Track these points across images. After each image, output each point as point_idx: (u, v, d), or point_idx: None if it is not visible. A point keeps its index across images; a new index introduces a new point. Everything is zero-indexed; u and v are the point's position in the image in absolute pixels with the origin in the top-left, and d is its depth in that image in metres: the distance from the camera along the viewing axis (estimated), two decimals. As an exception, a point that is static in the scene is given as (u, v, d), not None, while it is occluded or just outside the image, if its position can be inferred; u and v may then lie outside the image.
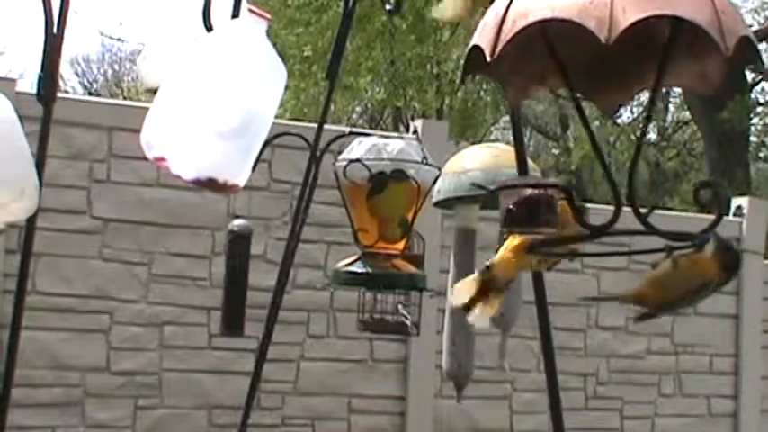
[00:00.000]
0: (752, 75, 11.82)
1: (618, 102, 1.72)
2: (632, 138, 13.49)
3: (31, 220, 1.92)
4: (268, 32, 1.87)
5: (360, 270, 2.08)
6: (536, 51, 1.54)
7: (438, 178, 2.19)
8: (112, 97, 16.20)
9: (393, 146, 2.06)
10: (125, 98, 15.59)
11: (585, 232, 1.58)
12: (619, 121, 14.38)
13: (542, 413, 4.90)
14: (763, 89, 13.73)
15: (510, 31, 1.44)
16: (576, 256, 1.80)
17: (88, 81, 19.29)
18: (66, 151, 4.28)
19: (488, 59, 1.45)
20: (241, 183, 1.80)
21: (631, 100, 1.75)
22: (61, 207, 4.23)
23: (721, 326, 5.81)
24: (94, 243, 4.36)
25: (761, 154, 14.51)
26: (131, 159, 4.23)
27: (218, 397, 4.50)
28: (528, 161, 2.34)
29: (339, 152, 2.16)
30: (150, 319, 4.44)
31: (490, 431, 5.16)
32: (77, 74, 19.12)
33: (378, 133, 2.67)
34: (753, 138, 12.93)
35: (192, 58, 1.78)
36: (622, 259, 5.38)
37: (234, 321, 2.53)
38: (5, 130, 1.73)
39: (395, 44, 10.72)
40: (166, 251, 4.48)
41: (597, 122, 13.08)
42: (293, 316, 4.51)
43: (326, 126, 2.65)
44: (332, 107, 4.37)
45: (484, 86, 11.44)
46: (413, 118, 11.35)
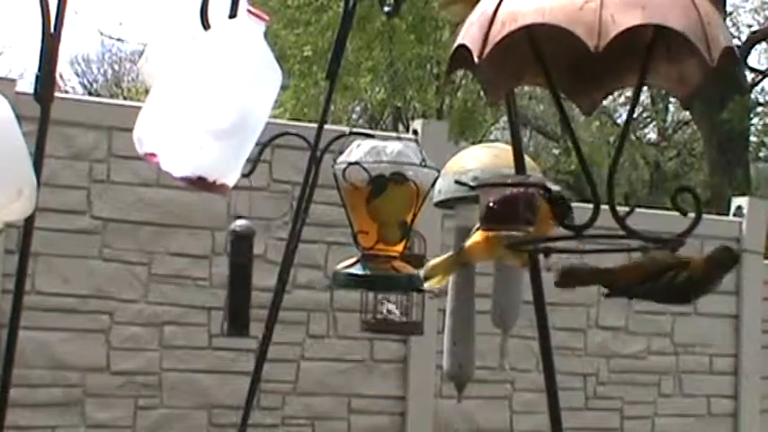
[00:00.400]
0: (752, 75, 11.82)
1: (597, 101, 1.73)
2: (632, 137, 13.49)
3: (30, 220, 1.92)
4: (266, 33, 1.87)
5: (359, 272, 2.08)
6: (518, 50, 1.55)
7: (437, 179, 2.18)
8: (112, 97, 16.19)
9: (392, 148, 2.06)
10: (125, 98, 15.59)
11: (566, 231, 1.60)
12: (619, 122, 14.38)
13: (542, 413, 4.87)
14: (763, 89, 13.74)
15: (498, 34, 1.44)
16: (573, 253, 1.80)
17: (88, 81, 19.29)
18: (65, 151, 4.28)
19: (476, 60, 1.46)
20: (231, 182, 1.80)
21: (607, 97, 1.76)
22: (61, 207, 4.23)
23: (721, 326, 5.81)
24: (94, 243, 4.36)
25: (761, 154, 14.52)
26: (131, 159, 4.22)
27: (218, 397, 4.50)
28: (528, 161, 2.35)
29: (339, 152, 2.15)
30: (150, 319, 4.44)
31: (490, 431, 5.15)
32: (77, 74, 19.12)
33: (378, 133, 2.67)
34: (753, 138, 12.93)
35: (188, 57, 1.78)
36: (622, 259, 5.36)
37: (239, 321, 2.53)
38: (3, 131, 1.72)
39: (395, 44, 10.72)
40: (166, 251, 4.47)
41: (597, 122, 13.09)
42: (293, 316, 4.51)
43: (326, 126, 2.65)
44: (332, 107, 4.36)
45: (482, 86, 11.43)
46: (413, 118, 11.36)
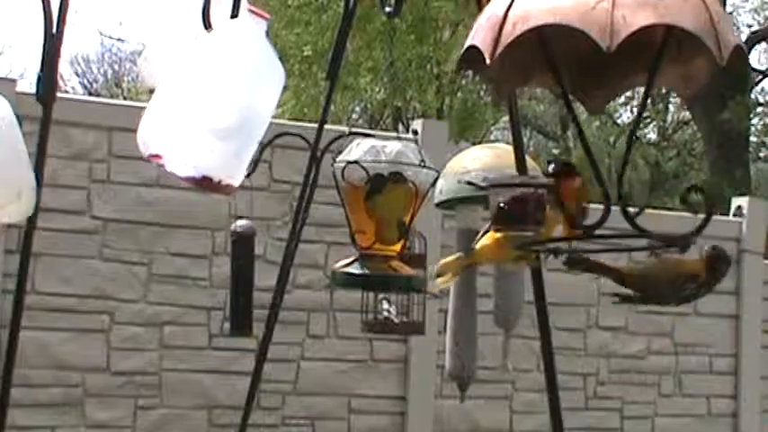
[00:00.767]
0: (752, 75, 11.81)
1: (604, 101, 1.73)
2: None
3: (31, 220, 1.92)
4: (267, 33, 1.87)
5: (357, 272, 2.07)
6: (526, 50, 1.54)
7: (437, 180, 2.18)
8: (112, 97, 16.20)
9: (391, 148, 2.06)
10: (125, 98, 15.60)
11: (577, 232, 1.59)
12: (619, 122, 14.39)
13: (543, 413, 4.87)
14: (763, 89, 13.74)
15: (510, 35, 1.44)
16: (573, 253, 1.81)
17: (88, 81, 19.29)
18: (66, 151, 4.28)
19: (488, 62, 1.45)
20: (235, 183, 1.80)
21: (615, 98, 1.76)
22: (61, 207, 4.23)
23: (721, 326, 5.81)
24: (94, 243, 4.36)
25: (761, 154, 14.52)
26: (131, 159, 4.22)
27: (218, 397, 4.50)
28: (528, 161, 2.34)
29: (339, 152, 2.15)
30: (150, 319, 4.44)
31: (490, 431, 5.15)
32: (77, 74, 19.13)
33: (378, 133, 2.66)
34: (753, 138, 12.93)
35: (191, 58, 1.77)
36: (622, 259, 5.37)
37: (242, 322, 2.53)
38: (3, 132, 1.72)
39: (395, 44, 10.73)
40: (166, 251, 4.47)
41: (597, 122, 13.09)
42: (293, 316, 4.51)
43: (326, 126, 2.65)
44: (332, 107, 4.36)
45: (484, 86, 11.44)
46: (413, 118, 11.36)
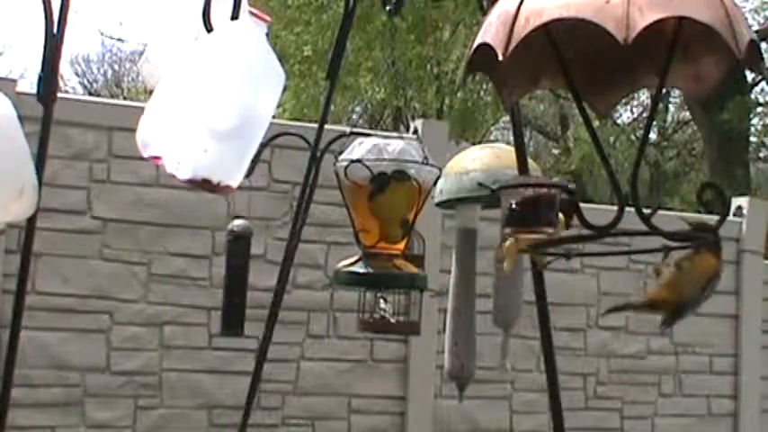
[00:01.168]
0: (752, 75, 11.81)
1: (612, 103, 1.72)
2: (632, 138, 13.49)
3: (31, 220, 1.92)
4: (268, 34, 1.87)
5: (361, 270, 2.08)
6: (533, 52, 1.53)
7: (439, 178, 2.18)
8: (112, 97, 16.21)
9: (394, 146, 2.06)
10: (125, 98, 15.61)
11: (588, 232, 1.59)
12: (619, 122, 14.39)
13: (543, 413, 4.89)
14: (763, 89, 13.72)
15: (523, 30, 1.41)
16: (575, 256, 1.80)
17: (88, 81, 19.31)
18: (66, 151, 4.27)
19: (501, 58, 1.43)
20: (235, 184, 1.80)
21: (624, 100, 1.75)
22: (61, 207, 4.23)
23: (721, 326, 5.80)
24: (94, 243, 4.36)
25: (761, 154, 14.51)
26: (131, 159, 4.22)
27: (218, 397, 4.50)
28: (529, 161, 2.34)
29: (339, 152, 2.15)
30: (150, 319, 4.43)
31: (490, 431, 5.15)
32: (77, 74, 19.15)
33: (378, 133, 2.67)
34: (753, 138, 12.92)
35: (190, 58, 1.78)
36: (622, 259, 5.38)
37: (234, 322, 2.53)
38: (5, 131, 1.72)
39: (395, 44, 10.72)
40: (166, 251, 4.47)
41: (597, 122, 13.09)
42: (293, 316, 4.51)
43: (326, 126, 2.65)
44: (332, 107, 4.36)
45: (484, 86, 11.44)
46: (413, 118, 11.35)
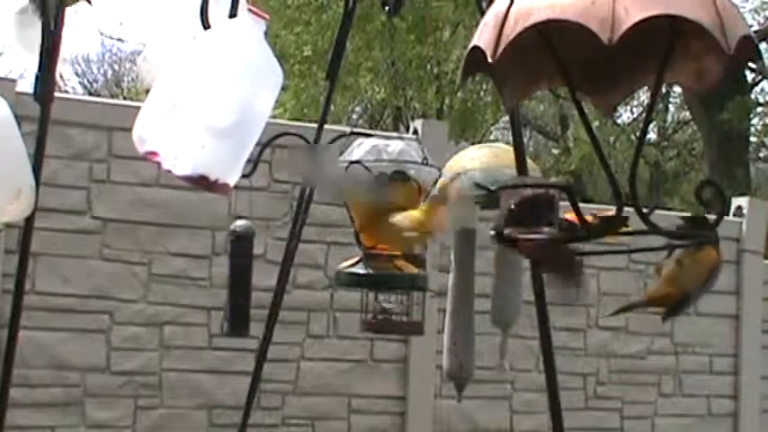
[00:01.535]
0: (752, 75, 11.82)
1: (614, 102, 1.72)
2: (632, 138, 13.49)
3: (29, 220, 1.92)
4: (266, 33, 1.87)
5: (362, 271, 2.08)
6: (533, 52, 1.53)
7: (438, 179, 2.18)
8: (112, 97, 16.19)
9: (393, 147, 2.06)
10: (125, 98, 15.59)
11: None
12: (619, 122, 14.39)
13: (542, 413, 4.89)
14: (763, 89, 13.73)
15: (512, 32, 1.43)
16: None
17: (88, 81, 19.30)
18: (65, 151, 4.27)
19: (490, 60, 1.44)
20: (232, 182, 1.80)
21: (626, 99, 1.75)
22: (61, 207, 4.23)
23: (721, 326, 5.80)
24: (94, 243, 4.35)
25: (761, 154, 14.51)
26: (131, 159, 4.22)
27: (218, 397, 4.49)
28: (528, 161, 2.34)
29: (341, 152, 2.15)
30: (150, 319, 4.43)
31: (490, 431, 5.15)
32: (77, 74, 19.13)
33: (378, 133, 2.67)
34: (753, 138, 12.92)
35: (188, 56, 1.78)
36: (622, 259, 5.38)
37: (239, 322, 2.53)
38: (1, 132, 1.72)
39: (395, 44, 10.72)
40: (166, 251, 4.47)
41: (597, 122, 13.09)
42: (293, 316, 4.51)
43: (326, 126, 2.65)
44: (332, 107, 4.36)
45: (484, 86, 11.45)
46: (413, 118, 11.35)
